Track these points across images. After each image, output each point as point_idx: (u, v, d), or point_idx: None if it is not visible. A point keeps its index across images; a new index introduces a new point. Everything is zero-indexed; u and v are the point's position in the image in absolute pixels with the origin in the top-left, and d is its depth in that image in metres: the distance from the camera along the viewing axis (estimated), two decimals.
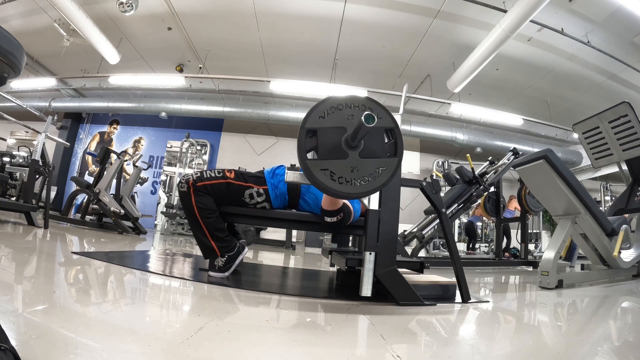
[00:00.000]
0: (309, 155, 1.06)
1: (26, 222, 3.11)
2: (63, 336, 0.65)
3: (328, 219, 1.39)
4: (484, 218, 6.48)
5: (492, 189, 3.86)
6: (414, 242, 3.59)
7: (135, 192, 6.40)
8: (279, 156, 7.58)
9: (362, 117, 0.92)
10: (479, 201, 4.26)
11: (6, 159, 4.23)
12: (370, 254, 1.19)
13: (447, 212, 3.10)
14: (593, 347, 0.92)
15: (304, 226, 1.57)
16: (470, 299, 1.40)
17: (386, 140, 1.10)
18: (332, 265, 2.11)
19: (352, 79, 6.10)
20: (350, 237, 3.16)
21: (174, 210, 6.11)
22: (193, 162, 7.90)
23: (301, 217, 1.53)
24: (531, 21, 3.88)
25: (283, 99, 6.86)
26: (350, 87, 5.92)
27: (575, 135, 6.10)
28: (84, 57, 5.94)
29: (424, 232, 3.44)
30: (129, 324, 0.80)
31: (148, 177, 7.00)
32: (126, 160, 5.16)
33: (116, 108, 7.34)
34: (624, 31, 4.34)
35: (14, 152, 4.56)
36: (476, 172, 3.66)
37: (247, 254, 1.67)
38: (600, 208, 2.98)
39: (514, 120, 6.47)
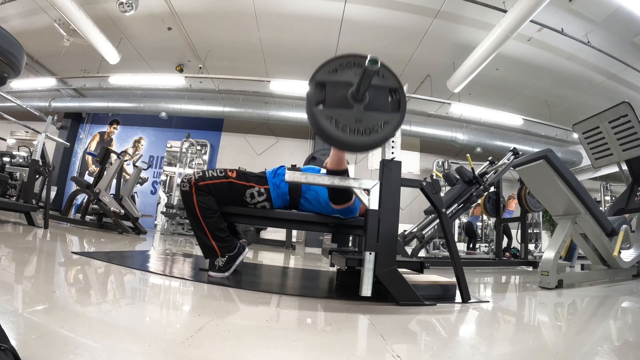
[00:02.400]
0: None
1: (26, 222, 3.11)
2: (63, 336, 0.65)
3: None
4: (484, 217, 6.49)
5: (492, 189, 3.86)
6: (414, 242, 3.59)
7: (135, 192, 6.40)
8: (279, 156, 7.58)
9: (367, 61, 0.94)
10: (479, 201, 4.26)
11: (6, 159, 4.23)
12: (370, 254, 1.19)
13: (447, 212, 3.10)
14: (593, 347, 0.92)
15: (305, 226, 1.57)
16: (470, 299, 1.40)
17: (390, 100, 1.14)
18: (332, 265, 2.11)
19: None
20: (350, 237, 3.16)
21: (174, 210, 6.11)
22: (193, 162, 7.90)
23: (302, 217, 1.53)
24: (531, 21, 3.88)
25: (283, 99, 6.86)
26: None
27: (575, 135, 6.10)
28: (84, 57, 5.94)
29: (424, 232, 3.44)
30: (129, 324, 0.80)
31: (148, 177, 7.01)
32: (126, 160, 5.16)
33: (116, 108, 7.34)
34: (624, 31, 4.34)
35: (14, 152, 4.56)
36: (476, 172, 3.66)
37: (247, 254, 1.67)
38: (600, 208, 2.98)
39: (514, 120, 6.47)
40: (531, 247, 5.44)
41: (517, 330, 1.10)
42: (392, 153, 1.30)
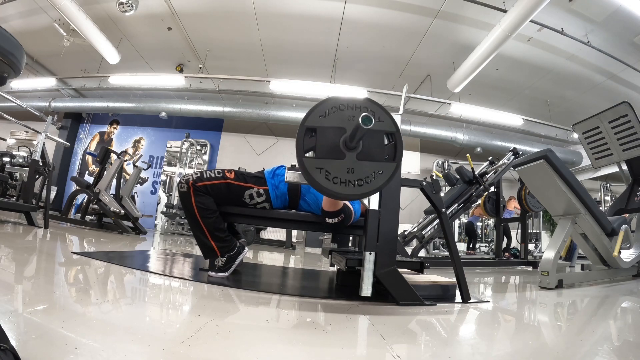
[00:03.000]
0: (308, 155, 1.06)
1: (26, 222, 3.11)
2: (63, 336, 0.65)
3: (329, 220, 1.39)
4: (484, 217, 6.49)
5: (492, 189, 3.86)
6: (414, 242, 3.59)
7: (135, 192, 6.40)
8: (279, 156, 7.58)
9: (360, 119, 0.91)
10: (479, 201, 4.26)
11: (6, 159, 4.23)
12: (370, 254, 1.19)
13: (447, 212, 3.10)
14: (593, 347, 0.92)
15: (304, 226, 1.57)
16: (470, 299, 1.40)
17: (386, 142, 1.09)
18: (332, 265, 2.11)
19: (352, 79, 6.10)
20: (350, 237, 3.16)
21: (174, 210, 6.11)
22: (193, 162, 7.90)
23: (301, 217, 1.53)
24: (531, 21, 3.88)
25: (283, 99, 6.86)
26: (350, 87, 5.93)
27: (575, 135, 6.10)
28: (84, 57, 5.94)
29: (424, 232, 3.44)
30: (129, 324, 0.80)
31: (148, 177, 7.00)
32: (126, 160, 5.16)
33: (116, 108, 7.34)
34: (624, 31, 4.34)
35: (14, 152, 4.56)
36: (476, 172, 3.66)
37: (247, 254, 1.67)
38: (600, 208, 2.98)
39: (514, 120, 6.47)
40: (531, 247, 5.44)
41: (517, 330, 1.10)
42: None
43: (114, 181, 4.49)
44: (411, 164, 7.90)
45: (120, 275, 1.41)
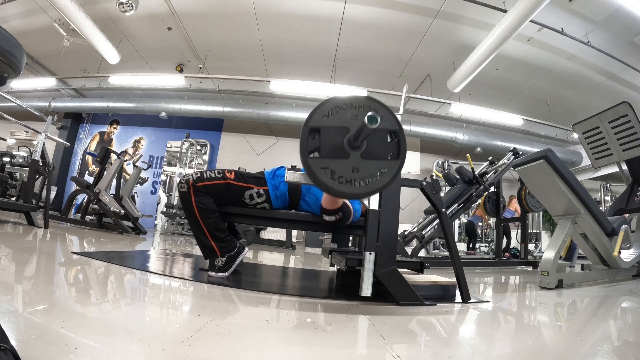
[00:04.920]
0: (313, 156, 1.06)
1: (26, 222, 3.11)
2: (63, 336, 0.65)
3: (327, 218, 1.39)
4: (484, 217, 6.49)
5: (492, 189, 3.86)
6: (414, 242, 3.59)
7: (135, 192, 6.40)
8: (279, 156, 7.59)
9: (365, 118, 0.91)
10: (479, 201, 4.26)
11: (6, 159, 4.23)
12: (370, 254, 1.19)
13: (447, 212, 3.10)
14: (593, 347, 0.92)
15: (304, 226, 1.57)
16: (470, 299, 1.40)
17: (389, 140, 1.10)
18: (332, 265, 2.11)
19: (352, 79, 6.10)
20: (350, 237, 3.16)
21: (174, 210, 6.11)
22: (193, 162, 7.90)
23: (301, 217, 1.53)
24: (531, 21, 3.88)
25: (283, 99, 6.86)
26: (350, 87, 5.93)
27: (575, 135, 6.10)
28: (84, 57, 5.94)
29: (424, 232, 3.44)
30: (129, 324, 0.80)
31: (148, 177, 7.01)
32: (126, 160, 5.16)
33: (116, 108, 7.34)
34: (624, 31, 4.34)
35: (14, 152, 4.56)
36: (476, 172, 3.66)
37: (247, 254, 1.67)
38: (600, 208, 2.98)
39: (514, 120, 6.48)
40: (531, 247, 5.44)
41: (517, 330, 1.10)
42: None
43: (114, 181, 4.49)
44: (411, 164, 7.90)
45: (120, 275, 1.41)
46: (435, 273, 1.76)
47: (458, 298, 1.40)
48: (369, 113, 0.91)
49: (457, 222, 6.80)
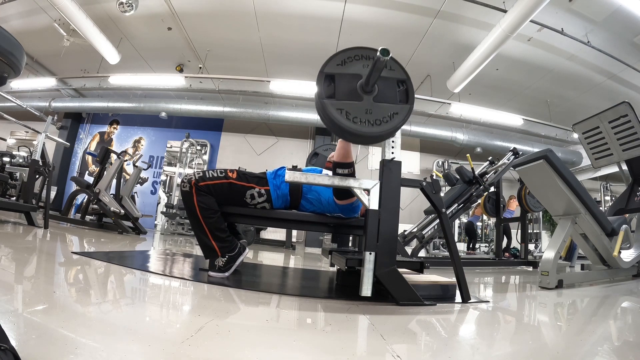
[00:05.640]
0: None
1: (26, 222, 3.11)
2: (63, 336, 0.65)
3: (340, 171, 1.39)
4: (484, 217, 6.48)
5: (492, 189, 3.85)
6: (414, 242, 3.58)
7: (135, 192, 6.40)
8: (279, 156, 7.58)
9: (378, 51, 0.98)
10: (479, 201, 4.26)
11: (6, 159, 4.23)
12: (370, 254, 1.19)
13: (447, 212, 3.10)
14: (593, 347, 0.92)
15: (305, 226, 1.57)
16: (470, 299, 1.40)
17: (398, 91, 1.17)
18: (332, 265, 2.11)
19: None
20: (350, 237, 3.16)
21: (174, 210, 6.11)
22: (193, 162, 7.90)
23: (302, 217, 1.54)
24: (531, 21, 3.87)
25: (283, 99, 6.85)
26: None
27: (575, 135, 6.10)
28: (84, 57, 5.93)
29: (424, 232, 3.44)
30: (129, 323, 0.80)
31: (148, 177, 7.01)
32: (126, 160, 5.16)
33: (116, 108, 7.34)
34: (624, 31, 4.34)
35: (14, 152, 4.56)
36: (476, 172, 3.66)
37: (247, 254, 1.67)
38: (600, 208, 2.98)
39: (514, 120, 6.47)
40: (531, 247, 5.44)
41: (517, 330, 1.10)
42: (392, 153, 1.30)
43: (114, 181, 4.48)
44: (411, 164, 7.89)
45: (120, 275, 1.41)
46: (435, 273, 1.76)
47: (458, 298, 1.40)
48: (381, 47, 0.99)
49: (457, 222, 6.80)
